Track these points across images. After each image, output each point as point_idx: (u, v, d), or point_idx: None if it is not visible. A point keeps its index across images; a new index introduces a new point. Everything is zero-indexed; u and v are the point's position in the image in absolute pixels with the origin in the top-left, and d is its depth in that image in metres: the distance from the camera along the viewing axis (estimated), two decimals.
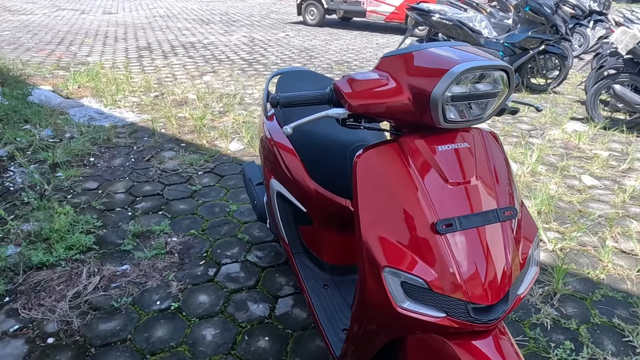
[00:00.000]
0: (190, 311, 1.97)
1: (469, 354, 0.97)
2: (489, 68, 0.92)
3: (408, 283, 0.96)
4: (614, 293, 2.13)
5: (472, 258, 0.96)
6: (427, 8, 5.26)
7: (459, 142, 1.03)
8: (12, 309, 1.95)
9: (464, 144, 1.03)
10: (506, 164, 1.10)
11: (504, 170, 1.08)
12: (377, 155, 1.03)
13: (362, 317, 1.14)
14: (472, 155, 1.03)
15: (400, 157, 1.01)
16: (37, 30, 8.86)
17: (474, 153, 1.04)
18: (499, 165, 1.08)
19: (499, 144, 1.14)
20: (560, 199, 2.97)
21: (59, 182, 3.01)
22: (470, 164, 1.02)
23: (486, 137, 1.09)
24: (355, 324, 1.20)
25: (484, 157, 1.06)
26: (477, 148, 1.05)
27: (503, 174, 1.07)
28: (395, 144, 1.03)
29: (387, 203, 1.00)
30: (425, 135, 1.02)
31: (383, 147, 1.03)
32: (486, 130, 1.15)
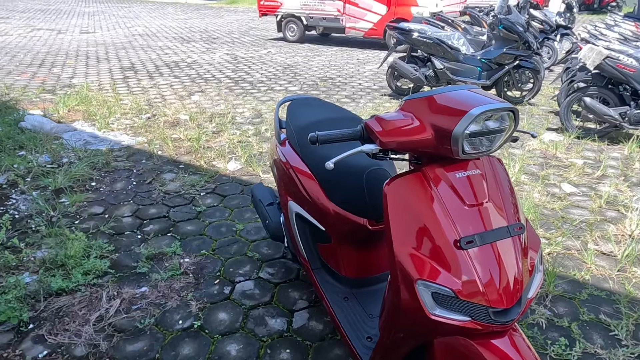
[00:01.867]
0: (212, 328, 2.08)
1: (490, 352, 1.13)
2: (501, 110, 1.10)
3: (438, 293, 1.12)
4: (598, 292, 2.34)
5: (490, 269, 1.12)
6: (407, 27, 5.53)
7: (472, 169, 1.20)
8: (38, 335, 2.02)
9: (476, 171, 1.21)
10: (510, 185, 1.28)
11: (509, 191, 1.26)
12: (404, 183, 1.19)
13: (392, 325, 1.29)
14: (484, 180, 1.21)
15: (423, 184, 1.18)
16: (15, 52, 8.78)
17: (485, 178, 1.21)
18: (505, 187, 1.25)
19: (503, 168, 1.32)
20: (544, 207, 3.21)
21: (65, 207, 3.07)
22: (483, 188, 1.19)
23: (493, 163, 1.27)
24: (384, 332, 1.34)
25: (493, 181, 1.23)
26: (487, 174, 1.23)
27: (509, 195, 1.25)
28: (419, 174, 1.20)
29: (415, 224, 1.16)
30: (443, 164, 1.19)
31: (409, 177, 1.20)
32: (495, 157, 1.33)
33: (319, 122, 1.96)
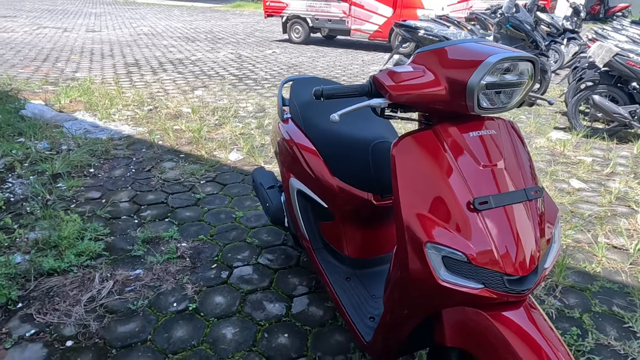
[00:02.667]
0: (208, 311, 1.99)
1: (504, 325, 1.05)
2: (518, 59, 1.02)
3: (448, 257, 1.04)
4: (610, 284, 2.25)
5: (506, 233, 1.04)
6: (413, 25, 5.48)
7: (486, 130, 1.13)
8: (26, 314, 1.94)
9: (491, 131, 1.13)
10: (526, 149, 1.20)
11: (525, 155, 1.18)
12: (414, 141, 1.12)
13: (397, 298, 1.20)
14: (499, 141, 1.13)
15: (435, 142, 1.10)
16: (20, 48, 8.78)
17: (500, 139, 1.14)
18: (521, 151, 1.18)
19: (520, 132, 1.24)
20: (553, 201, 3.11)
21: (61, 192, 3.00)
22: (497, 149, 1.11)
23: (509, 126, 1.19)
24: (388, 308, 1.26)
25: (509, 142, 1.15)
26: (502, 134, 1.15)
27: (525, 158, 1.17)
28: (430, 131, 1.12)
29: (425, 184, 1.08)
30: (456, 123, 1.12)
31: (419, 134, 1.12)
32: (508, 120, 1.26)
33: None
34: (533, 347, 1.01)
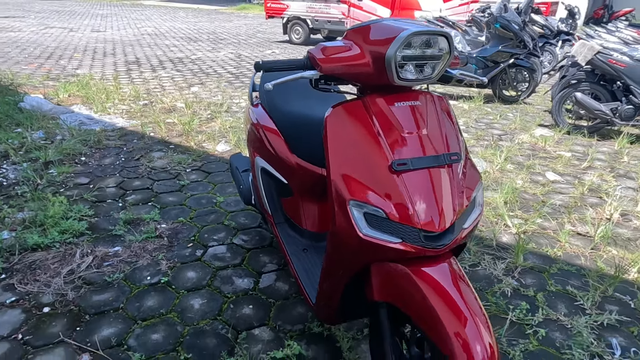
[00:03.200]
0: (179, 285, 2.11)
1: (422, 279, 1.15)
2: (431, 33, 1.13)
3: (370, 214, 1.15)
4: (569, 267, 2.34)
5: (424, 193, 1.15)
6: None
7: (412, 101, 1.24)
8: (8, 284, 2.06)
9: (416, 102, 1.24)
10: (453, 122, 1.31)
11: (450, 125, 1.28)
12: (344, 110, 1.23)
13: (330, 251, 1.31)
14: (423, 111, 1.23)
15: (363, 111, 1.21)
16: (26, 46, 9.00)
17: (425, 110, 1.24)
18: (446, 121, 1.28)
19: (447, 105, 1.34)
20: (525, 192, 3.21)
21: (52, 177, 3.13)
22: (420, 118, 1.22)
23: (436, 99, 1.30)
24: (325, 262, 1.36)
25: (433, 113, 1.26)
26: (427, 106, 1.26)
27: (450, 128, 1.27)
28: (359, 101, 1.23)
29: (352, 149, 1.19)
30: (384, 94, 1.23)
31: (349, 104, 1.23)
32: (437, 94, 1.36)
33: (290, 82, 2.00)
34: (447, 300, 1.11)
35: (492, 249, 2.47)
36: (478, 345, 1.06)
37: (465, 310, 1.09)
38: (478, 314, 1.10)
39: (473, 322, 1.08)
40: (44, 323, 1.84)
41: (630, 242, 2.60)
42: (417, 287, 1.14)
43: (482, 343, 1.06)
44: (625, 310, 2.04)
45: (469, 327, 1.07)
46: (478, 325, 1.08)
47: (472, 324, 1.08)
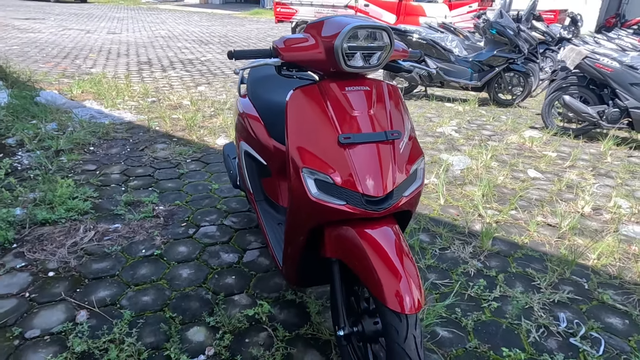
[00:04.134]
0: (171, 257, 2.32)
1: (364, 239, 1.34)
2: (371, 27, 1.33)
3: (319, 180, 1.35)
4: (533, 253, 2.50)
5: (366, 164, 1.34)
6: (403, 29, 5.79)
7: (361, 86, 1.44)
8: (19, 252, 2.30)
9: (365, 87, 1.44)
10: (400, 106, 1.50)
11: (397, 109, 1.48)
12: (302, 93, 1.43)
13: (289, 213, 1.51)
14: (371, 95, 1.43)
15: (318, 94, 1.42)
16: (44, 46, 9.39)
17: (372, 94, 1.44)
18: (392, 105, 1.47)
19: (396, 92, 1.54)
20: (504, 187, 3.37)
21: (62, 164, 3.39)
22: (369, 101, 1.42)
23: (385, 87, 1.50)
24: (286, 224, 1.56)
25: (381, 97, 1.46)
26: (376, 91, 1.46)
27: (395, 111, 1.47)
28: (315, 85, 1.44)
29: (307, 125, 1.40)
30: (337, 80, 1.43)
31: (307, 87, 1.44)
32: (389, 83, 1.56)
33: (273, 75, 2.22)
34: (384, 258, 1.30)
35: (464, 236, 2.64)
36: (408, 297, 1.25)
37: (400, 268, 1.28)
38: (411, 274, 1.29)
39: (405, 279, 1.27)
40: (48, 285, 2.07)
41: (597, 233, 2.75)
42: (360, 245, 1.33)
43: (411, 296, 1.25)
44: (579, 290, 2.20)
45: (402, 282, 1.26)
46: (410, 282, 1.27)
47: (404, 280, 1.26)
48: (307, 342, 1.80)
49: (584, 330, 1.92)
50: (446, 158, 3.85)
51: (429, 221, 2.80)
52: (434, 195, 3.15)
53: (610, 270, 2.37)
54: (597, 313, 2.04)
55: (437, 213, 2.92)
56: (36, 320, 1.85)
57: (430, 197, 3.14)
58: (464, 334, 1.87)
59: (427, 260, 2.37)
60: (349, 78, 1.44)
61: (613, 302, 2.11)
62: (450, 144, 4.33)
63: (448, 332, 1.88)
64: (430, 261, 2.37)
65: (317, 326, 1.87)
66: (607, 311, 2.06)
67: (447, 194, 3.18)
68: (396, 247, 1.34)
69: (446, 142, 4.36)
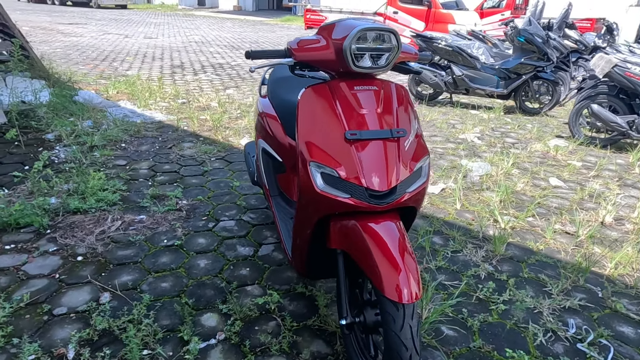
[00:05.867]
0: (190, 248, 2.44)
1: (367, 232, 1.40)
2: (379, 30, 1.40)
3: (325, 173, 1.42)
4: (547, 259, 2.48)
5: (371, 159, 1.41)
6: (429, 35, 5.81)
7: (370, 86, 1.50)
8: (52, 237, 2.47)
9: (373, 87, 1.51)
10: (407, 106, 1.56)
11: (403, 108, 1.54)
12: (313, 91, 1.51)
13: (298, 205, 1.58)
14: (379, 95, 1.50)
15: (327, 92, 1.49)
16: (85, 49, 9.88)
17: (380, 94, 1.51)
18: (399, 104, 1.53)
19: (405, 94, 1.60)
20: (524, 194, 3.34)
21: (95, 158, 3.60)
22: (375, 100, 1.48)
23: (393, 87, 1.56)
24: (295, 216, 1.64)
25: (388, 97, 1.52)
26: (384, 91, 1.52)
27: (402, 111, 1.53)
28: (325, 84, 1.51)
29: (316, 122, 1.47)
30: (347, 79, 1.50)
31: (318, 86, 1.52)
32: (397, 83, 1.62)
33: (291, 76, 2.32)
34: (385, 252, 1.36)
35: (477, 240, 2.65)
36: (406, 289, 1.30)
37: (400, 262, 1.34)
38: (411, 267, 1.34)
39: (405, 272, 1.32)
40: (76, 268, 2.22)
41: (617, 243, 2.70)
42: (363, 238, 1.40)
43: (409, 288, 1.30)
44: (592, 298, 2.17)
45: (402, 275, 1.32)
46: (408, 275, 1.32)
47: (403, 273, 1.32)
48: (314, 332, 1.87)
49: (593, 337, 1.90)
50: (465, 164, 3.84)
51: (443, 224, 2.82)
52: (450, 200, 3.16)
53: (627, 280, 2.33)
54: (609, 321, 2.02)
55: (452, 217, 2.93)
56: (64, 299, 1.99)
57: (446, 201, 3.15)
58: (469, 333, 1.90)
59: (438, 262, 2.40)
60: (358, 78, 1.51)
61: (627, 311, 2.08)
62: (471, 150, 4.32)
63: (453, 331, 1.90)
64: (442, 263, 2.40)
65: (324, 318, 1.93)
66: (619, 320, 2.03)
67: (464, 199, 3.19)
68: (398, 242, 1.39)
69: (467, 149, 4.35)
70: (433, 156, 4.09)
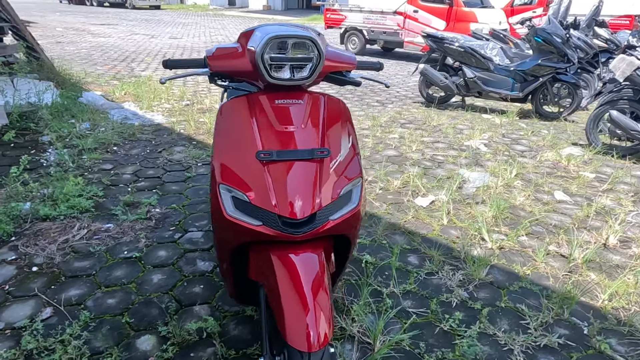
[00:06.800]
0: (149, 261, 2.35)
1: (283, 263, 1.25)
2: (293, 36, 1.24)
3: (236, 198, 1.27)
4: (532, 286, 2.24)
5: (286, 183, 1.25)
6: (440, 35, 5.53)
7: (294, 99, 1.35)
8: (14, 245, 2.44)
9: (298, 101, 1.35)
10: (340, 122, 1.39)
11: (334, 126, 1.37)
12: (231, 104, 1.37)
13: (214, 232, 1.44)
14: (303, 110, 1.34)
15: (245, 106, 1.34)
16: (108, 50, 10.10)
17: (306, 108, 1.34)
18: (331, 122, 1.37)
19: (339, 109, 1.43)
20: (522, 209, 3.07)
21: (82, 162, 3.58)
22: (298, 116, 1.32)
23: (323, 101, 1.39)
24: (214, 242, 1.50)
25: (315, 112, 1.36)
26: (311, 106, 1.36)
27: (332, 129, 1.36)
28: (244, 97, 1.37)
29: (230, 139, 1.33)
30: (268, 92, 1.35)
31: (237, 99, 1.37)
32: (335, 97, 1.45)
33: None
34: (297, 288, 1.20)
35: (457, 260, 2.43)
36: (313, 333, 1.14)
37: (311, 301, 1.18)
38: (323, 306, 1.18)
39: (314, 312, 1.16)
40: (28, 279, 2.17)
41: (617, 269, 2.41)
42: (274, 272, 1.25)
43: (317, 331, 1.14)
44: (575, 334, 1.93)
45: (309, 316, 1.16)
46: (318, 316, 1.16)
47: (312, 314, 1.16)
48: None
49: None
50: (463, 173, 3.59)
51: (424, 242, 2.61)
52: (437, 214, 2.94)
53: (621, 314, 2.07)
54: None
55: (435, 233, 2.72)
56: (5, 313, 1.93)
57: (433, 215, 2.94)
58: None
59: (407, 285, 2.21)
60: (283, 90, 1.36)
61: (613, 352, 1.83)
62: (474, 158, 4.05)
63: None
64: (412, 286, 2.20)
65: None
66: None
67: (453, 214, 2.96)
68: (314, 277, 1.23)
69: (470, 157, 4.08)
70: (430, 164, 3.86)
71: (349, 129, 1.40)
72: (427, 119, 5.29)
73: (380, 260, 2.39)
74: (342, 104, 1.44)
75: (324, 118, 1.36)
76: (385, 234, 2.69)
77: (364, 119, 5.23)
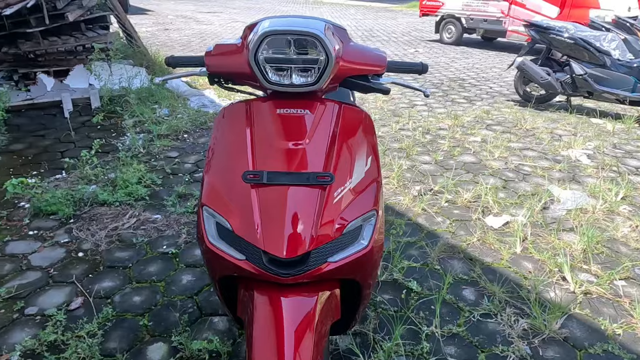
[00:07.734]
0: (183, 259, 2.30)
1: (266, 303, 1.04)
2: (292, 33, 0.99)
3: (220, 224, 1.08)
4: (622, 352, 1.75)
5: (276, 212, 1.03)
6: (545, 24, 4.79)
7: (300, 109, 1.11)
8: (70, 228, 2.55)
9: (305, 112, 1.10)
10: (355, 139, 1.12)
11: (347, 143, 1.10)
12: (230, 109, 1.17)
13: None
14: (311, 122, 1.09)
15: (243, 114, 1.14)
16: (207, 36, 10.61)
17: (315, 121, 1.10)
18: (346, 139, 1.10)
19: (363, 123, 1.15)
20: (624, 243, 2.49)
21: (152, 149, 3.70)
22: (304, 130, 1.08)
23: (337, 111, 1.13)
24: None
25: (326, 126, 1.10)
26: (322, 117, 1.11)
27: (345, 147, 1.10)
28: (244, 103, 1.16)
29: (224, 151, 1.14)
30: (272, 98, 1.13)
31: (235, 105, 1.17)
32: (358, 109, 1.18)
33: None
34: (277, 333, 0.99)
35: (525, 303, 2.01)
36: None
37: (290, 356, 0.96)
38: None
39: None
40: (71, 264, 2.23)
41: None
42: (252, 314, 1.04)
43: None
44: None
45: None
46: None
47: None
48: None
49: None
50: (552, 190, 3.03)
51: (485, 273, 2.21)
52: (510, 239, 2.49)
53: None
54: None
55: (503, 264, 2.30)
56: (41, 298, 2.00)
57: (504, 240, 2.49)
58: None
59: (455, 327, 1.86)
60: (290, 97, 1.12)
61: None
62: (571, 172, 3.42)
63: None
64: (459, 329, 1.85)
65: None
66: None
67: (530, 241, 2.48)
68: (299, 326, 1.01)
69: (566, 170, 3.46)
70: (513, 176, 3.33)
71: (368, 149, 1.13)
72: (519, 121, 4.64)
73: (427, 291, 2.07)
74: (363, 116, 1.17)
75: (334, 134, 1.10)
76: (441, 256, 2.33)
77: (444, 118, 4.75)
